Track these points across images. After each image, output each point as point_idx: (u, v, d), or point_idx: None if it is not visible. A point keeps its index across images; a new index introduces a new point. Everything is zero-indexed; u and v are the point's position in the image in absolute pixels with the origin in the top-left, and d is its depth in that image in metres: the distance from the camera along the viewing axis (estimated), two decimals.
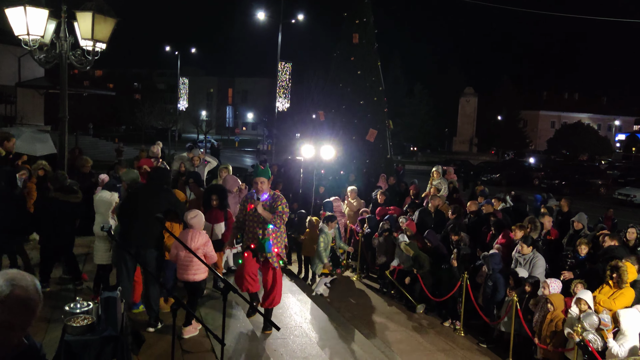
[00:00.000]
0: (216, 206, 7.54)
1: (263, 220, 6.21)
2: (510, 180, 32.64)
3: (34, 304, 1.93)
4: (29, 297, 1.91)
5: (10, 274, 1.92)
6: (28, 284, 1.93)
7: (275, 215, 6.17)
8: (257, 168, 6.25)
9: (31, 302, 1.92)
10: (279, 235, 6.37)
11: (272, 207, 6.21)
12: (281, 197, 6.38)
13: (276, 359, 5.91)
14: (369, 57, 15.89)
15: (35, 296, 1.94)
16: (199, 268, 5.92)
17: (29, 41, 7.17)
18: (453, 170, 13.95)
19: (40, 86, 32.93)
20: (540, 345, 6.43)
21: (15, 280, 1.90)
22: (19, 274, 1.93)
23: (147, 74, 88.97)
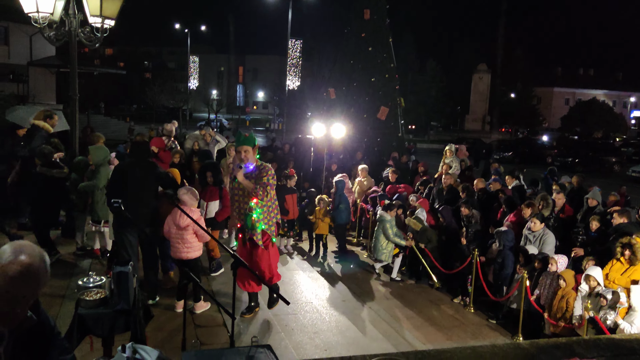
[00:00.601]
0: (211, 183, 7.55)
1: (248, 192, 5.68)
2: (523, 158, 32.36)
3: (40, 274, 1.94)
4: (35, 268, 1.92)
5: (17, 245, 1.94)
6: (34, 255, 1.94)
7: (259, 185, 5.57)
8: (239, 135, 5.80)
9: (37, 273, 1.93)
10: (266, 210, 5.80)
11: (257, 178, 5.66)
12: (268, 167, 5.78)
13: (287, 334, 5.99)
14: (381, 34, 15.71)
15: (42, 267, 1.94)
16: (191, 246, 5.93)
17: (39, 18, 7.16)
18: (465, 149, 13.86)
19: (52, 65, 33.01)
20: (551, 321, 6.44)
21: (23, 251, 1.91)
22: (26, 245, 1.95)
23: (158, 52, 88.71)
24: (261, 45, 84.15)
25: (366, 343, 6.10)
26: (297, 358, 5.23)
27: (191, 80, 54.39)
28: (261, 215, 5.71)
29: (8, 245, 1.94)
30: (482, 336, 6.91)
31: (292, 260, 9.23)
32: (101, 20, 7.36)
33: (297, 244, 10.31)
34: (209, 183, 7.59)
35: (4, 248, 1.93)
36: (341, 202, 9.57)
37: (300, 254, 9.71)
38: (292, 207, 9.64)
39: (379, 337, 6.36)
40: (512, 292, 7.06)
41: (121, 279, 3.86)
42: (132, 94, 61.61)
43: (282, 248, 9.68)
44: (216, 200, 7.58)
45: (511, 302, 7.17)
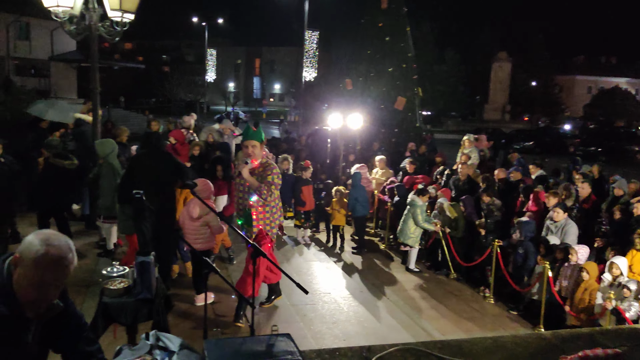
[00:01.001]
0: (220, 177, 7.48)
1: (247, 189, 5.46)
2: (544, 147, 31.92)
3: (67, 262, 1.99)
4: (62, 256, 1.97)
5: (44, 234, 1.99)
6: (61, 243, 1.99)
7: (263, 184, 5.33)
8: (247, 129, 5.59)
9: (64, 261, 1.98)
10: (267, 210, 5.51)
11: (261, 176, 5.42)
12: (273, 166, 5.54)
13: (306, 324, 6.03)
14: (398, 23, 15.57)
15: (69, 255, 2.00)
16: (198, 237, 5.90)
17: (59, 13, 7.25)
18: (485, 138, 13.72)
19: (73, 60, 33.44)
20: (572, 313, 6.38)
21: (50, 239, 1.96)
22: (52, 234, 2.00)
23: (176, 46, 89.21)
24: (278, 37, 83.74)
25: (385, 333, 6.11)
26: (316, 347, 5.27)
27: (208, 73, 54.59)
28: (261, 214, 5.43)
29: (34, 236, 1.98)
30: (502, 327, 6.88)
31: (310, 251, 9.27)
32: (121, 14, 7.42)
33: (314, 235, 10.35)
34: (218, 177, 7.55)
35: (31, 239, 1.97)
36: (358, 195, 9.54)
37: (318, 245, 9.74)
38: (308, 199, 9.66)
39: (398, 328, 6.37)
40: (534, 284, 7.00)
41: (143, 268, 3.93)
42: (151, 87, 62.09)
43: (299, 239, 9.73)
44: (225, 194, 7.52)
45: (532, 294, 7.11)
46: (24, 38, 34.04)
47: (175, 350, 2.64)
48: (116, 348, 2.69)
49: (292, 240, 9.71)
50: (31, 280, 1.93)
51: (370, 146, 14.04)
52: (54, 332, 2.18)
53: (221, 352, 2.49)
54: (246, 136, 5.57)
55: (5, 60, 32.38)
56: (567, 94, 64.28)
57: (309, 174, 9.86)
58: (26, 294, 1.95)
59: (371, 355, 2.84)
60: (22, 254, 1.94)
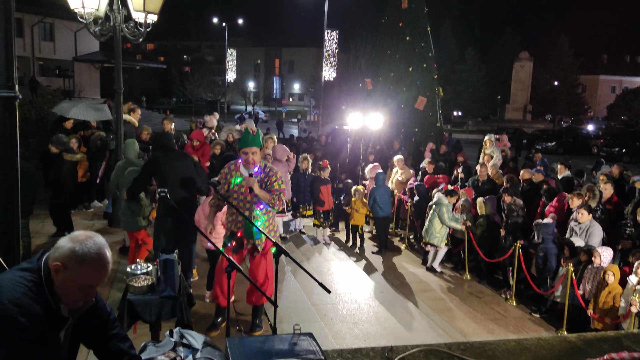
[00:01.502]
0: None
1: (252, 199, 4.85)
2: (566, 148, 31.46)
3: (109, 263, 2.06)
4: (106, 258, 2.04)
5: (82, 237, 2.03)
6: (102, 244, 2.05)
7: (273, 195, 4.80)
8: (246, 135, 5.03)
9: (107, 262, 2.05)
10: (271, 216, 5.07)
11: (265, 183, 4.89)
12: (275, 171, 4.98)
13: (327, 324, 6.03)
14: (419, 22, 15.46)
15: (109, 255, 2.06)
16: (219, 237, 5.77)
17: (84, 14, 7.37)
18: (507, 138, 13.57)
19: (96, 60, 33.94)
20: (594, 317, 6.27)
21: (90, 242, 2.01)
22: (89, 236, 2.05)
23: (196, 46, 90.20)
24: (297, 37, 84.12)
25: (405, 334, 6.08)
26: (336, 347, 5.27)
27: (229, 73, 54.96)
28: (266, 222, 4.96)
29: (73, 242, 2.01)
30: (525, 330, 6.80)
31: (329, 251, 9.28)
32: (144, 16, 7.51)
33: (333, 235, 10.35)
34: None
35: (72, 245, 2.00)
36: (377, 195, 9.51)
37: (337, 245, 9.74)
38: (327, 198, 9.67)
39: (418, 329, 6.34)
40: (557, 286, 6.90)
41: (167, 266, 3.98)
42: (172, 87, 62.87)
43: (319, 238, 9.74)
44: None
45: (555, 296, 7.01)
46: (49, 39, 34.71)
47: (198, 348, 2.67)
48: (141, 345, 2.74)
49: (311, 239, 9.72)
50: (79, 283, 1.99)
51: (390, 146, 13.98)
52: (85, 327, 2.22)
53: (244, 349, 2.51)
54: (245, 143, 4.92)
55: (31, 61, 33.05)
56: (591, 94, 63.22)
57: (327, 173, 9.87)
58: (72, 297, 2.01)
59: (393, 355, 2.84)
60: (65, 260, 1.97)
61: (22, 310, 1.85)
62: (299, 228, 10.17)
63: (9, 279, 1.95)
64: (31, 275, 1.97)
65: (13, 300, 1.85)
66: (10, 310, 1.83)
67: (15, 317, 1.83)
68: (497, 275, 8.57)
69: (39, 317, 1.90)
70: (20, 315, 1.84)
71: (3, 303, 1.84)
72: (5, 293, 1.87)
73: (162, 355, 2.60)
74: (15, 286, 1.90)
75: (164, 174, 5.91)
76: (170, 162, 6.02)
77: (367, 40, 35.61)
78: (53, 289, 1.98)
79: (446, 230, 8.60)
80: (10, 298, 1.86)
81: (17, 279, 1.94)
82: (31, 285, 1.94)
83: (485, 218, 8.34)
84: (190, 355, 2.59)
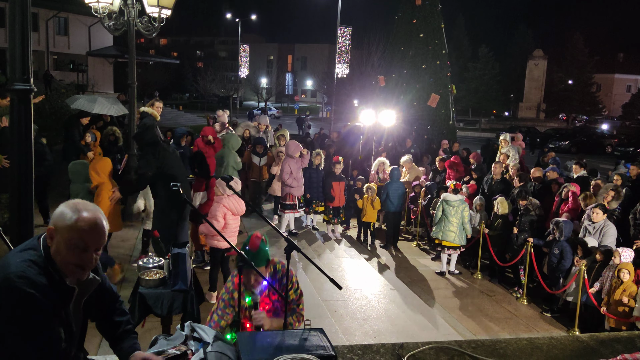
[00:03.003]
0: (197, 174, 7.17)
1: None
2: (580, 147, 31.15)
3: (100, 225, 2.07)
4: (95, 219, 2.06)
5: (73, 203, 2.08)
6: (92, 208, 2.09)
7: (292, 318, 3.36)
8: (247, 254, 3.19)
9: (98, 224, 2.06)
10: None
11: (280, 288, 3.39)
12: (290, 275, 3.37)
13: (337, 320, 6.04)
14: (432, 19, 15.39)
15: (101, 218, 2.08)
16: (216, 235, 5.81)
17: (99, 9, 7.42)
18: (521, 137, 13.45)
19: (110, 55, 34.17)
20: (610, 315, 6.20)
21: (79, 206, 2.06)
22: (81, 202, 2.09)
23: (209, 42, 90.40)
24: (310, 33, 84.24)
25: (415, 332, 6.07)
26: (347, 343, 5.27)
27: (241, 69, 54.99)
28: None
29: (64, 206, 2.06)
30: (536, 329, 6.75)
31: (340, 247, 9.27)
32: (158, 10, 7.54)
33: (345, 232, 10.34)
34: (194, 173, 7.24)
35: (62, 209, 2.05)
36: (390, 190, 9.50)
37: (349, 241, 9.73)
38: (338, 195, 9.65)
39: (429, 326, 6.32)
40: (569, 285, 6.84)
41: (179, 260, 4.00)
42: (185, 83, 63.11)
43: (329, 234, 9.73)
44: (202, 191, 7.20)
45: (567, 295, 6.95)
46: (63, 33, 34.99)
47: (209, 342, 2.68)
48: (152, 338, 2.75)
49: (322, 235, 9.72)
50: (69, 244, 2.01)
51: (403, 143, 13.93)
52: (92, 304, 2.30)
53: (254, 344, 2.51)
54: (247, 262, 3.11)
55: (45, 55, 33.34)
56: (605, 93, 62.41)
57: (339, 169, 9.84)
58: (66, 260, 2.03)
59: (404, 352, 2.83)
60: (56, 224, 2.03)
61: (28, 281, 1.90)
62: (311, 225, 10.17)
63: (13, 255, 2.02)
64: (33, 252, 2.02)
65: (18, 273, 1.91)
66: (17, 282, 1.88)
67: (23, 289, 1.88)
68: (509, 273, 8.51)
69: (47, 288, 1.95)
70: (28, 287, 1.89)
71: (10, 278, 1.89)
72: (11, 268, 1.93)
73: (173, 349, 2.61)
74: (19, 261, 1.96)
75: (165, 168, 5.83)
76: (177, 158, 6.04)
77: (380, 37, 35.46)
78: (54, 263, 2.03)
79: (462, 231, 8.46)
80: (16, 272, 1.91)
81: (20, 255, 2.00)
82: (34, 259, 1.99)
83: (504, 217, 8.25)
84: (201, 349, 2.59)
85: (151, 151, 5.80)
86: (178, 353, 2.58)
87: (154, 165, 5.79)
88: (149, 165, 5.76)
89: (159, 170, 5.79)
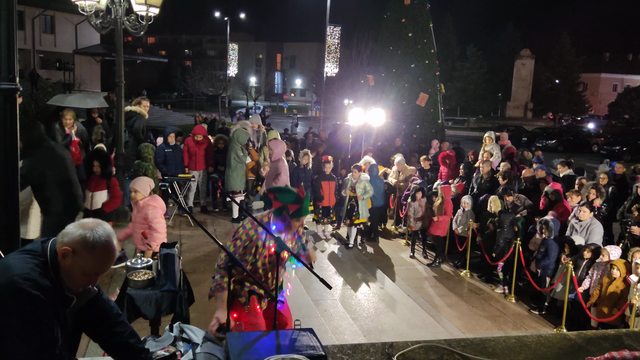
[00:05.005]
0: (98, 174, 6.96)
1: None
2: (567, 146, 31.43)
3: (115, 252, 2.08)
4: (113, 247, 2.06)
5: (91, 225, 2.04)
6: (110, 233, 2.06)
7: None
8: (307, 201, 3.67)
9: (114, 251, 2.07)
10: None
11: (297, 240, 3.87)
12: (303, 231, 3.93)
13: (327, 319, 6.04)
14: (421, 19, 15.44)
15: (116, 245, 2.08)
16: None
17: (86, 7, 7.35)
18: (507, 136, 13.54)
19: (97, 53, 33.84)
20: (593, 318, 6.27)
21: (99, 232, 2.02)
22: (98, 224, 2.06)
23: (198, 40, 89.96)
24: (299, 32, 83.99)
25: (405, 331, 6.09)
26: (337, 342, 5.27)
27: (230, 67, 54.86)
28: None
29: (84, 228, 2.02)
30: (524, 326, 6.80)
31: (330, 247, 9.27)
32: (146, 9, 7.49)
33: (334, 231, 10.34)
34: (95, 173, 6.95)
35: (82, 231, 2.00)
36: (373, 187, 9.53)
37: (338, 241, 9.73)
38: (327, 194, 9.65)
39: (418, 325, 6.34)
40: (556, 283, 6.90)
41: (167, 260, 3.97)
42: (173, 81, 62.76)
43: (319, 234, 9.73)
44: (104, 190, 6.99)
45: (555, 293, 7.01)
46: (50, 32, 34.62)
47: (198, 343, 2.66)
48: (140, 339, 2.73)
49: (312, 235, 9.72)
50: (85, 270, 2.00)
51: (392, 142, 13.97)
52: (88, 318, 2.24)
53: (244, 345, 2.50)
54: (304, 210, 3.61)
55: (31, 54, 32.96)
56: (592, 92, 63.02)
57: (329, 168, 9.84)
58: (75, 282, 2.03)
59: (394, 352, 2.83)
60: (75, 248, 1.98)
61: (34, 284, 1.88)
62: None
63: (14, 257, 1.98)
64: (35, 256, 1.99)
65: (23, 275, 1.88)
66: (23, 284, 1.86)
67: (29, 291, 1.86)
68: (497, 272, 8.57)
69: (51, 290, 1.93)
70: (33, 289, 1.87)
71: (14, 279, 1.86)
72: (14, 269, 1.90)
73: (161, 350, 2.60)
74: (23, 263, 1.93)
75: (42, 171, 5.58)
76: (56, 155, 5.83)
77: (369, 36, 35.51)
78: (58, 273, 2.00)
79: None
80: (20, 274, 1.88)
81: (22, 257, 1.97)
82: (37, 262, 1.96)
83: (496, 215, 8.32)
84: (190, 350, 2.58)
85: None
86: (167, 354, 2.57)
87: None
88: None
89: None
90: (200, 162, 10.03)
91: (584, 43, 64.06)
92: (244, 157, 9.54)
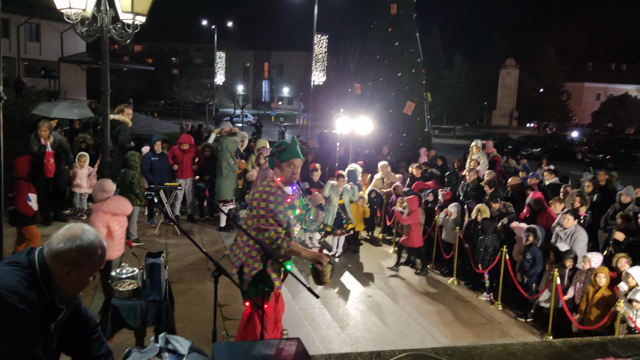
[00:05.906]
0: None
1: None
2: (551, 154, 31.79)
3: (105, 248, 2.07)
4: (103, 244, 2.06)
5: (81, 227, 2.02)
6: (93, 230, 2.06)
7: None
8: (294, 144, 4.07)
9: (105, 247, 2.06)
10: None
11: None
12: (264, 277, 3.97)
13: (314, 328, 6.01)
14: (407, 28, 15.58)
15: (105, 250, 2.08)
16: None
17: (71, 15, 7.28)
18: (492, 144, 13.67)
19: (82, 61, 33.61)
20: (578, 326, 6.31)
21: (88, 229, 2.03)
22: (84, 225, 2.05)
23: (185, 48, 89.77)
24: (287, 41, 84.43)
25: (392, 339, 6.09)
26: (324, 352, 5.25)
27: (217, 76, 54.71)
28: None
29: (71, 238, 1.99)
30: (510, 334, 6.83)
31: None
32: (132, 17, 7.43)
33: (323, 240, 10.33)
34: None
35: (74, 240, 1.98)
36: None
37: (326, 249, 9.72)
38: None
39: (406, 334, 6.34)
40: (543, 291, 6.94)
41: (153, 270, 3.93)
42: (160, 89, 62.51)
43: (307, 242, 9.71)
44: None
45: (540, 301, 7.05)
46: (35, 39, 34.35)
47: (184, 354, 2.64)
48: (125, 351, 2.69)
49: (300, 243, 9.69)
50: (86, 278, 2.03)
51: (379, 150, 14.02)
52: (67, 331, 2.20)
53: (230, 355, 2.48)
54: (295, 152, 3.97)
55: (16, 62, 32.65)
56: (576, 101, 63.92)
57: (317, 176, 9.85)
58: (73, 290, 2.04)
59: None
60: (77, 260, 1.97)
61: (20, 297, 1.83)
62: None
63: (0, 270, 1.93)
64: (22, 269, 1.94)
65: (10, 288, 1.83)
66: (9, 297, 1.81)
67: (15, 305, 1.81)
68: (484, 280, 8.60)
69: (37, 304, 1.89)
70: (20, 303, 1.82)
71: (1, 292, 1.81)
72: (1, 282, 1.85)
73: None
74: (9, 276, 1.88)
75: None
76: None
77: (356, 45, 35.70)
78: (50, 284, 1.96)
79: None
80: (7, 286, 1.84)
81: (8, 270, 1.92)
82: (24, 275, 1.91)
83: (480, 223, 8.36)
84: None
85: None
86: None
87: None
88: None
89: None
90: (187, 171, 9.99)
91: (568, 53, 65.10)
92: (235, 165, 9.56)
